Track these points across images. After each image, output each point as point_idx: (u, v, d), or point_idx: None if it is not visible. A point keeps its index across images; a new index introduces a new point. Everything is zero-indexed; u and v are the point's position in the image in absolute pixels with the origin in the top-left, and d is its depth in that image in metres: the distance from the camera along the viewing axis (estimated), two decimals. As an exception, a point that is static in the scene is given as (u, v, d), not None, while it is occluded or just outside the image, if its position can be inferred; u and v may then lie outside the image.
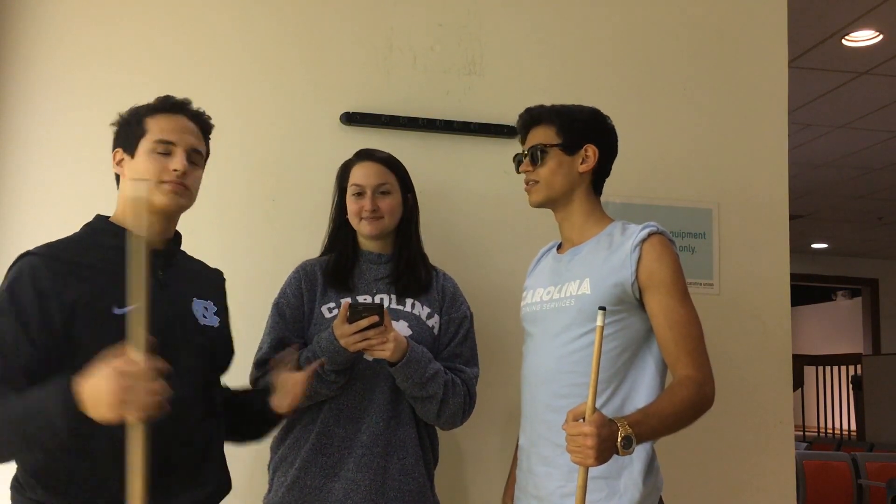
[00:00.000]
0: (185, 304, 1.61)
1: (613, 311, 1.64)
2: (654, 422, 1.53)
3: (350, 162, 2.01)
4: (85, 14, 2.34)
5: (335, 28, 2.45)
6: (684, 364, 1.61)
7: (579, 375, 1.64)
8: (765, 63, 2.69)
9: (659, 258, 1.65)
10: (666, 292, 1.64)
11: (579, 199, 1.80)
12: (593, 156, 1.78)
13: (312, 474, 1.82)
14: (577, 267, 1.75)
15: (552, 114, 1.82)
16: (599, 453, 1.43)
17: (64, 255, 1.51)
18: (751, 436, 2.54)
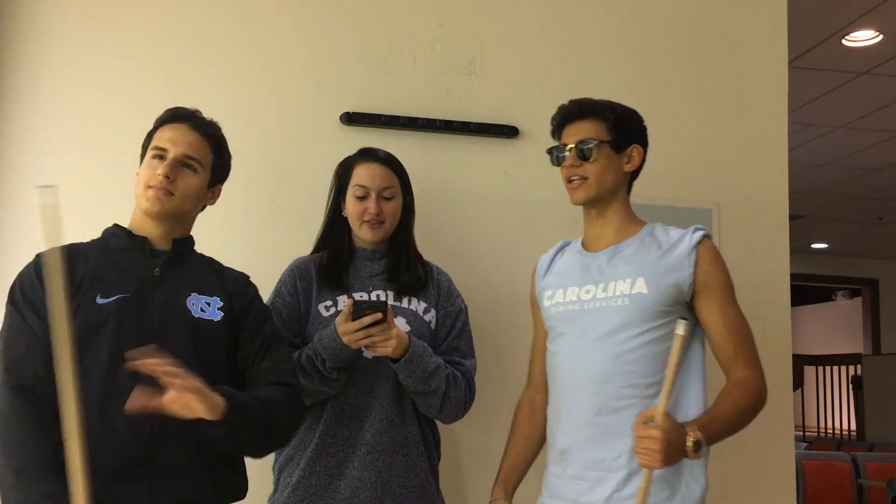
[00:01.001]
0: (181, 297, 1.62)
1: (667, 312, 1.66)
2: (721, 425, 1.58)
3: (353, 160, 2.00)
4: (85, 15, 2.34)
5: (335, 28, 2.45)
6: (742, 366, 1.65)
7: (638, 376, 1.65)
8: (765, 63, 2.69)
9: (714, 261, 1.68)
10: (722, 295, 1.68)
11: (620, 198, 1.79)
12: (638, 156, 1.78)
13: (318, 474, 1.82)
14: (622, 266, 1.72)
15: (605, 109, 1.77)
16: (666, 457, 1.47)
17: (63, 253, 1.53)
18: (751, 436, 2.52)
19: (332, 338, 1.74)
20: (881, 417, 8.13)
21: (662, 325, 1.65)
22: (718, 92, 2.65)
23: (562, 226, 2.48)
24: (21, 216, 2.24)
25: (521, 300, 2.42)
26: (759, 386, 1.64)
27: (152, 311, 1.57)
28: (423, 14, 2.49)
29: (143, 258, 1.62)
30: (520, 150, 2.50)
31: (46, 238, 1.39)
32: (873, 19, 4.06)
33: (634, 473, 1.60)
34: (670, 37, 2.64)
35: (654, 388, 1.63)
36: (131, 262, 1.61)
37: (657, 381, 1.61)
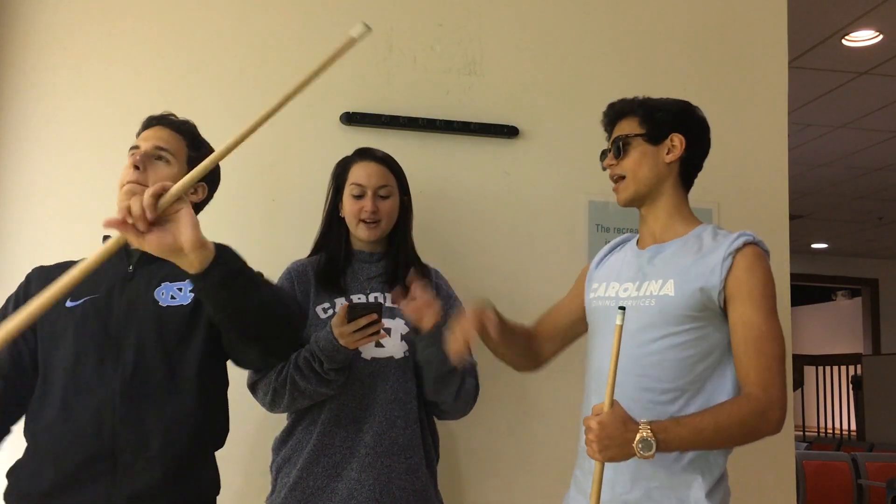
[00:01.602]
0: (150, 291, 1.63)
1: (695, 317, 1.58)
2: (685, 431, 1.47)
3: (349, 160, 2.01)
4: (84, 17, 2.34)
5: (335, 28, 2.45)
6: (752, 382, 1.53)
7: (654, 380, 1.59)
8: (765, 63, 2.69)
9: (750, 269, 1.57)
10: (750, 304, 1.56)
11: (668, 192, 1.72)
12: (680, 145, 1.70)
13: (315, 475, 1.82)
14: (659, 266, 1.67)
15: (634, 105, 1.74)
16: (602, 449, 1.43)
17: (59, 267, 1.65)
18: (751, 436, 2.54)
19: (329, 339, 1.74)
20: (881, 417, 8.13)
21: (687, 330, 1.58)
22: (718, 92, 2.65)
23: (562, 226, 2.50)
24: (21, 217, 2.25)
25: (520, 300, 2.42)
26: (762, 407, 1.51)
27: (118, 310, 1.59)
28: (423, 14, 2.49)
29: (118, 259, 1.64)
30: (520, 150, 2.50)
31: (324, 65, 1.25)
32: (873, 19, 4.07)
33: (641, 477, 1.57)
34: (670, 37, 2.64)
35: (670, 394, 1.58)
36: (109, 264, 1.61)
37: (675, 387, 1.58)
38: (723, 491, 1.60)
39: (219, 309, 1.42)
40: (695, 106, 1.79)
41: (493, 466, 2.38)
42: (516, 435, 2.40)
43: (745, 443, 1.55)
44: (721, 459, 1.61)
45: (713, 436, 1.49)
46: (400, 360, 1.87)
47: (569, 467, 2.03)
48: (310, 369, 1.76)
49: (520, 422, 2.40)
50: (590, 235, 2.49)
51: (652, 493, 1.57)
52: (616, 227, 2.51)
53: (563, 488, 1.89)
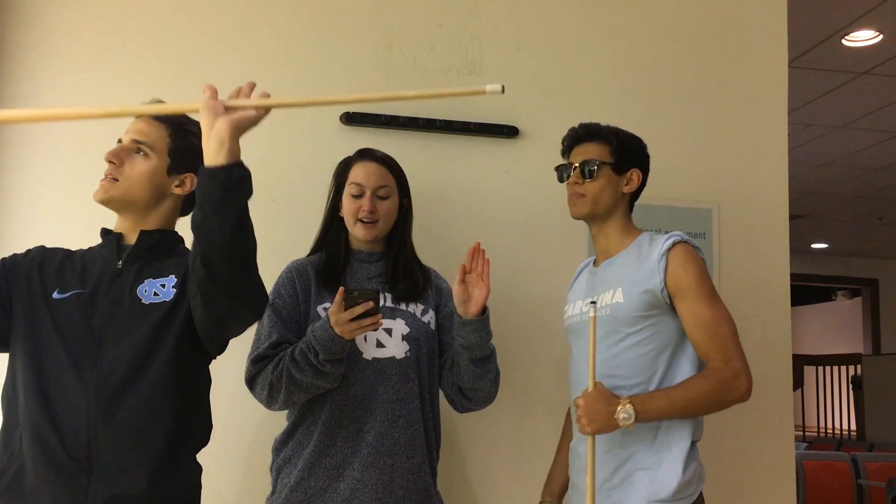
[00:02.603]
0: (133, 288, 1.60)
1: (646, 316, 1.79)
2: (661, 402, 1.70)
3: (350, 160, 2.01)
4: (84, 16, 2.34)
5: (335, 28, 2.45)
6: (713, 360, 1.73)
7: (622, 378, 1.78)
8: (765, 63, 2.69)
9: (683, 265, 1.77)
10: (692, 296, 1.76)
11: (617, 216, 1.92)
12: (637, 179, 1.92)
13: (317, 475, 1.82)
14: (609, 277, 1.87)
15: (610, 134, 1.93)
16: (590, 421, 1.68)
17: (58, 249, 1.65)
18: (751, 436, 2.54)
19: (325, 328, 1.73)
20: (881, 417, 8.12)
21: (641, 329, 1.79)
22: (718, 92, 2.65)
23: (562, 226, 2.49)
24: (21, 217, 2.25)
25: (521, 300, 2.43)
26: (724, 377, 1.70)
27: (101, 307, 1.56)
28: (423, 14, 2.49)
29: (108, 254, 1.63)
30: (520, 150, 2.50)
31: None
32: (873, 19, 4.07)
33: (621, 466, 1.78)
34: (670, 37, 2.65)
35: (639, 387, 1.77)
36: (100, 258, 1.64)
37: (640, 381, 1.77)
38: (693, 466, 1.78)
39: (209, 215, 1.38)
40: (644, 143, 1.99)
41: (493, 466, 2.38)
42: (517, 435, 2.40)
43: (715, 410, 1.75)
44: (686, 435, 1.78)
45: (685, 405, 1.72)
46: (401, 360, 1.87)
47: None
48: (306, 361, 1.75)
49: (521, 422, 2.40)
50: (589, 235, 2.48)
51: (631, 476, 1.77)
52: (616, 227, 2.51)
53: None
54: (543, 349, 2.42)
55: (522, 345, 2.41)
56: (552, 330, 2.42)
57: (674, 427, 1.77)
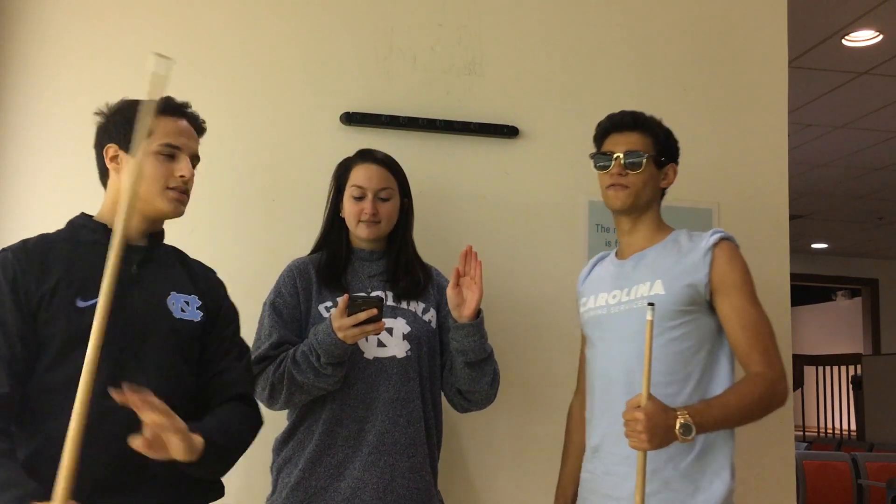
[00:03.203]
0: (161, 297, 1.56)
1: (686, 311, 1.72)
2: (717, 412, 1.61)
3: (351, 161, 2.01)
4: (83, 16, 2.34)
5: (335, 28, 2.45)
6: (756, 362, 1.67)
7: (659, 374, 1.67)
8: (765, 63, 2.68)
9: (730, 261, 1.73)
10: (737, 294, 1.71)
11: (653, 211, 1.86)
12: (673, 176, 1.87)
13: (318, 475, 1.82)
14: (644, 270, 1.79)
15: (655, 125, 1.86)
16: (651, 437, 1.53)
17: (36, 248, 1.50)
18: (751, 436, 2.53)
19: (328, 332, 1.74)
20: (881, 417, 8.12)
21: (681, 324, 1.72)
22: (718, 92, 2.65)
23: (562, 226, 2.50)
24: (21, 217, 2.25)
25: (521, 300, 2.43)
26: (771, 382, 1.66)
27: (133, 314, 1.50)
28: (423, 14, 2.49)
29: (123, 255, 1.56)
30: (520, 150, 2.50)
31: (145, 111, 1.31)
32: (873, 19, 4.06)
33: (659, 470, 1.65)
34: (671, 37, 2.64)
35: (674, 385, 1.70)
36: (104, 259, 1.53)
37: (677, 378, 1.70)
38: (732, 475, 1.71)
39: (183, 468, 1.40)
40: None
41: (494, 466, 2.38)
42: (518, 434, 2.40)
43: (761, 417, 1.69)
44: (730, 441, 1.72)
45: (738, 414, 1.65)
46: (402, 360, 1.88)
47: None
48: (307, 363, 1.76)
49: (521, 421, 2.40)
50: (590, 235, 2.49)
51: (669, 483, 1.67)
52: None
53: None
54: (543, 349, 2.42)
55: (522, 344, 2.41)
56: (552, 329, 2.42)
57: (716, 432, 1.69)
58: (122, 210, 1.29)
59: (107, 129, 1.57)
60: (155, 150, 1.55)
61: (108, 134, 1.57)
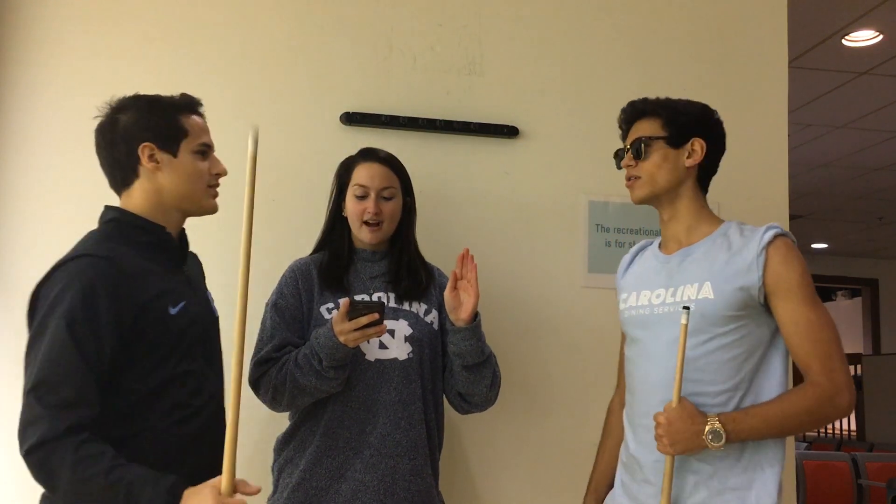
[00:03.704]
0: (205, 295, 1.66)
1: (738, 317, 1.59)
2: (755, 421, 1.53)
3: (353, 160, 2.00)
4: (84, 16, 2.34)
5: (335, 28, 2.45)
6: (815, 371, 1.55)
7: (706, 384, 1.60)
8: (765, 63, 2.68)
9: (786, 261, 1.59)
10: (794, 298, 1.58)
11: (687, 195, 1.72)
12: (700, 150, 1.70)
13: (318, 476, 1.82)
14: (691, 269, 1.67)
15: (657, 106, 1.74)
16: (673, 442, 1.52)
17: (124, 258, 1.48)
18: (751, 436, 2.54)
19: (329, 336, 1.74)
20: (881, 417, 8.12)
21: (732, 330, 1.60)
22: (718, 92, 2.64)
23: (562, 226, 2.49)
24: (21, 217, 2.25)
25: (521, 300, 2.43)
26: (827, 394, 1.53)
27: (204, 315, 1.59)
28: (423, 14, 2.49)
29: (172, 255, 1.60)
30: (520, 150, 2.50)
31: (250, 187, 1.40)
32: (873, 19, 4.06)
33: (702, 483, 1.59)
34: (670, 37, 2.64)
35: (724, 395, 1.59)
36: (161, 260, 1.56)
37: (726, 388, 1.59)
38: (781, 488, 1.61)
39: None
40: (713, 109, 1.77)
41: (494, 466, 2.38)
42: (519, 435, 2.40)
43: (813, 428, 1.60)
44: (779, 454, 1.61)
45: (781, 424, 1.55)
46: (404, 362, 1.87)
47: (574, 467, 2.03)
48: (309, 367, 1.76)
49: (522, 422, 2.40)
50: (590, 235, 2.49)
51: (716, 497, 1.58)
52: (616, 226, 2.51)
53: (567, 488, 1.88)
54: (544, 349, 2.42)
55: (522, 345, 2.42)
56: (553, 329, 2.42)
57: (766, 442, 1.59)
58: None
59: (140, 128, 1.55)
60: (194, 150, 1.59)
61: (142, 133, 1.55)
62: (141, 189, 1.57)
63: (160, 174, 1.56)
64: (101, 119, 1.58)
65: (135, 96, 1.59)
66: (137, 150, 1.55)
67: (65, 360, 1.34)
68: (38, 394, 1.32)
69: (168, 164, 1.56)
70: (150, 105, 1.57)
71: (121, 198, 1.60)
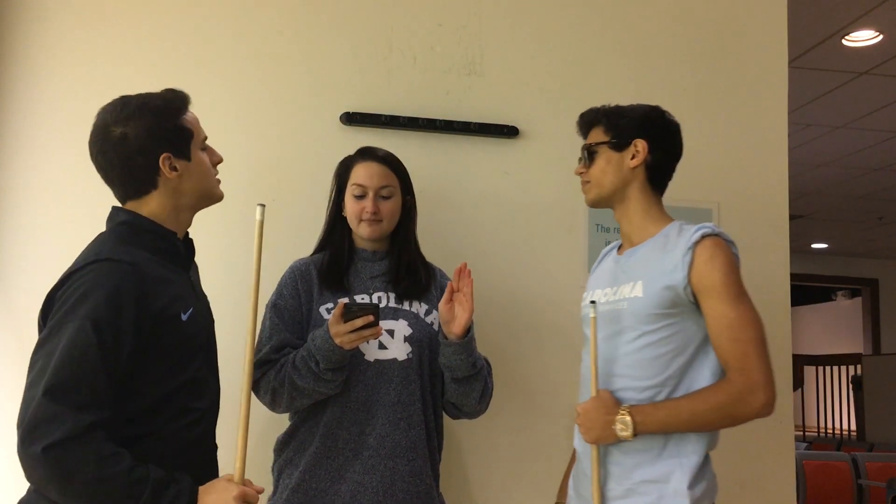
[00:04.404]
0: (207, 303, 1.68)
1: (666, 315, 1.64)
2: (663, 414, 1.59)
3: (352, 160, 2.00)
4: (84, 17, 2.34)
5: (335, 28, 2.45)
6: (732, 369, 1.58)
7: (634, 379, 1.66)
8: (765, 63, 2.68)
9: (710, 261, 1.62)
10: (717, 296, 1.61)
11: (634, 196, 1.77)
12: (643, 150, 1.75)
13: (318, 477, 1.82)
14: (633, 268, 1.73)
15: (601, 114, 1.82)
16: (587, 430, 1.64)
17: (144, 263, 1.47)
18: (751, 436, 2.53)
19: (325, 339, 1.73)
20: (881, 417, 8.12)
21: (660, 328, 1.64)
22: (718, 92, 2.65)
23: (562, 226, 2.49)
24: (20, 218, 2.24)
25: (521, 300, 2.43)
26: (738, 391, 1.56)
27: (207, 321, 1.61)
28: (423, 14, 2.49)
29: (180, 261, 1.60)
30: (520, 150, 2.50)
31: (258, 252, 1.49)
32: (873, 19, 4.06)
33: (625, 476, 1.65)
34: (670, 37, 2.64)
35: (651, 390, 1.64)
36: (171, 266, 1.56)
37: (654, 384, 1.64)
38: (706, 480, 1.64)
39: None
40: (663, 110, 1.83)
41: (496, 466, 2.38)
42: (518, 435, 2.40)
43: (726, 426, 1.63)
44: (699, 448, 1.63)
45: (689, 419, 1.59)
46: (403, 362, 1.87)
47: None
48: (307, 369, 1.76)
49: (522, 423, 2.40)
50: (590, 235, 2.49)
51: (636, 488, 1.63)
52: (616, 226, 2.48)
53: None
54: (544, 349, 2.42)
55: (522, 345, 2.42)
56: (553, 330, 2.42)
57: (687, 436, 1.62)
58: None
59: (154, 140, 1.52)
60: (200, 147, 1.61)
61: (159, 144, 1.52)
62: (158, 198, 1.55)
63: (181, 181, 1.55)
64: (101, 132, 1.52)
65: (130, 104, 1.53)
66: (158, 162, 1.52)
67: (87, 361, 1.33)
68: (57, 392, 1.31)
69: (186, 169, 1.56)
70: (154, 113, 1.53)
71: (127, 204, 1.57)
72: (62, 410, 1.30)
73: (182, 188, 1.56)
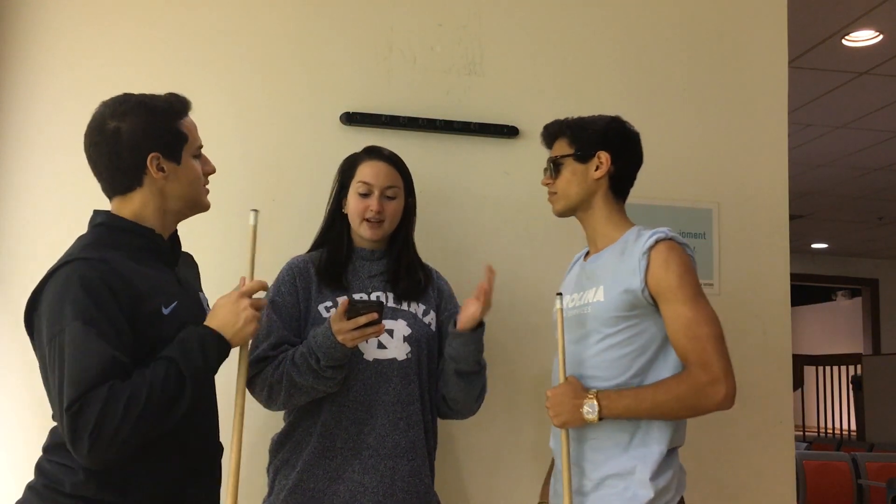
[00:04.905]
0: (197, 297, 1.67)
1: (626, 317, 1.71)
2: (628, 400, 1.66)
3: (358, 157, 2.00)
4: (84, 16, 2.34)
5: (335, 28, 2.45)
6: (691, 363, 1.65)
7: (599, 380, 1.73)
8: (765, 63, 2.68)
9: (665, 264, 1.68)
10: (674, 298, 1.67)
11: (598, 205, 1.84)
12: (606, 161, 1.81)
13: (316, 477, 1.80)
14: (595, 273, 1.81)
15: (565, 126, 1.87)
16: (556, 414, 1.71)
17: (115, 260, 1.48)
18: (751, 436, 2.54)
19: (327, 335, 1.72)
20: (881, 417, 8.13)
21: (621, 330, 1.72)
22: (718, 92, 2.65)
23: (562, 226, 2.48)
24: (20, 218, 2.24)
25: (521, 300, 2.43)
26: (698, 382, 1.62)
27: (196, 316, 1.58)
28: (423, 14, 2.49)
29: (163, 257, 1.60)
30: (520, 150, 2.50)
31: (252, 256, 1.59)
32: (873, 19, 4.07)
33: (595, 469, 1.72)
34: (670, 37, 2.64)
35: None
36: (152, 262, 1.56)
37: (619, 383, 1.71)
38: (671, 471, 1.70)
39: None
40: (623, 121, 1.89)
41: (492, 465, 2.38)
42: (514, 435, 2.40)
43: (688, 416, 1.71)
44: (662, 442, 1.70)
45: (652, 406, 1.66)
46: (403, 362, 1.87)
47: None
48: (306, 366, 1.74)
49: (519, 422, 2.40)
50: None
51: (604, 482, 1.71)
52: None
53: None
54: (543, 349, 2.41)
55: (521, 345, 2.42)
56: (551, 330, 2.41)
57: (651, 432, 1.69)
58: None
59: (145, 138, 1.52)
60: (193, 154, 1.60)
61: (149, 143, 1.53)
62: (142, 196, 1.56)
63: (166, 182, 1.56)
64: (97, 125, 1.53)
65: (130, 101, 1.55)
66: (146, 160, 1.53)
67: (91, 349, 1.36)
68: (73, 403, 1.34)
69: (173, 171, 1.56)
70: (151, 112, 1.54)
71: (113, 201, 1.58)
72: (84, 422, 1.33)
73: (167, 190, 1.57)
